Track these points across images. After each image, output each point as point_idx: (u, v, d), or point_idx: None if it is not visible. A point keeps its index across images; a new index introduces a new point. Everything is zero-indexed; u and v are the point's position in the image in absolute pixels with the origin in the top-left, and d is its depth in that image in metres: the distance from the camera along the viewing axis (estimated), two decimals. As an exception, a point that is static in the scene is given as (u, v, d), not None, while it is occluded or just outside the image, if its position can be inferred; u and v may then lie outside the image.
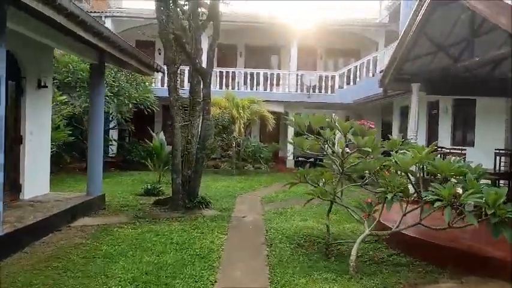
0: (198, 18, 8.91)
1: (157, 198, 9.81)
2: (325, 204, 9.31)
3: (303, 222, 8.01)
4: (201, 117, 8.71)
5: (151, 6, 8.40)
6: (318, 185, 6.37)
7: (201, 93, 8.75)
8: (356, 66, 18.64)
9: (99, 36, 6.70)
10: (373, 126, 5.47)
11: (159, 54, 20.47)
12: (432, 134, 13.27)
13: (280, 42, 20.61)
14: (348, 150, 5.88)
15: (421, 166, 5.28)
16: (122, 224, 7.23)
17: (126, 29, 18.93)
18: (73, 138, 13.41)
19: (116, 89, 14.59)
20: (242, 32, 19.94)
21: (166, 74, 8.87)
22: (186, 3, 8.72)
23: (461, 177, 4.97)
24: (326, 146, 5.55)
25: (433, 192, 4.78)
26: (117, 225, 7.18)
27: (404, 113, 15.64)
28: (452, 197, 4.54)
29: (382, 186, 5.19)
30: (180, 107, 8.73)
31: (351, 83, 18.57)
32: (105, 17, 18.69)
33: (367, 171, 5.92)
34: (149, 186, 10.62)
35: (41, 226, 6.28)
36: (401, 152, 5.49)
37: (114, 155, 18.23)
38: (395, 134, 16.22)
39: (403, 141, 5.69)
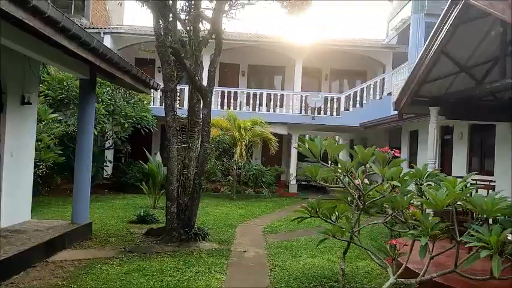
0: (198, 33, 8.24)
1: (150, 227, 8.98)
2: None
3: (312, 259, 7.15)
4: (200, 139, 7.94)
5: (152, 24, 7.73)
6: (331, 219, 5.55)
7: (201, 114, 8.00)
8: (363, 88, 18.01)
9: (87, 47, 5.97)
10: (398, 154, 4.68)
11: (159, 72, 19.80)
12: (446, 161, 12.48)
13: (284, 62, 20.02)
14: (366, 181, 5.11)
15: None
16: (107, 260, 6.38)
17: (125, 46, 18.37)
18: (63, 158, 12.62)
19: (112, 108, 13.88)
20: (245, 51, 19.37)
21: (163, 92, 8.15)
22: (186, 16, 8.05)
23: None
24: (345, 177, 4.75)
25: (473, 236, 3.99)
26: (102, 260, 6.32)
27: (414, 137, 14.89)
28: (500, 244, 3.75)
29: (412, 226, 4.38)
30: (177, 128, 7.97)
31: (357, 105, 17.89)
32: (104, 33, 18.12)
33: (386, 205, 5.14)
34: (142, 213, 9.78)
35: (12, 262, 5.43)
36: (428, 184, 4.73)
37: (109, 177, 17.43)
38: (406, 160, 15.46)
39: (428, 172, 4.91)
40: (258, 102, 18.07)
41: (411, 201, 4.55)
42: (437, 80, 7.99)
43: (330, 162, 4.68)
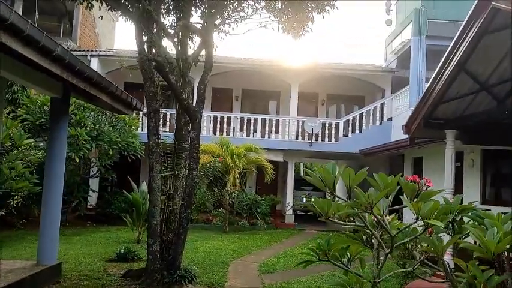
0: (186, 47, 7.39)
1: (130, 266, 7.91)
2: (339, 273, 7.46)
3: (317, 308, 6.09)
4: (188, 166, 6.98)
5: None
6: (343, 263, 4.54)
7: (189, 137, 7.06)
8: (362, 113, 17.24)
9: (58, 62, 5.07)
10: (431, 184, 3.73)
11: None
12: (456, 191, 11.53)
13: (279, 86, 19.27)
14: (388, 218, 4.14)
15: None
16: (73, 312, 5.31)
17: (114, 69, 17.51)
18: (39, 188, 11.55)
19: (96, 133, 12.91)
20: (239, 75, 18.62)
21: (146, 113, 7.24)
22: (173, 27, 7.23)
23: None
24: (367, 214, 3.78)
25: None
26: (66, 313, 5.25)
27: (419, 165, 13.98)
28: None
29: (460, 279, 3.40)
30: (162, 154, 7.02)
31: (357, 131, 17.07)
32: (91, 56, 17.33)
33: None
34: (122, 250, 8.69)
35: None
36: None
37: (93, 207, 16.30)
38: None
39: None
40: (252, 127, 17.21)
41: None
42: (454, 101, 7.15)
43: (347, 194, 3.72)
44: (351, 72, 17.83)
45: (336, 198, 3.95)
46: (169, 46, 7.65)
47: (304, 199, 20.15)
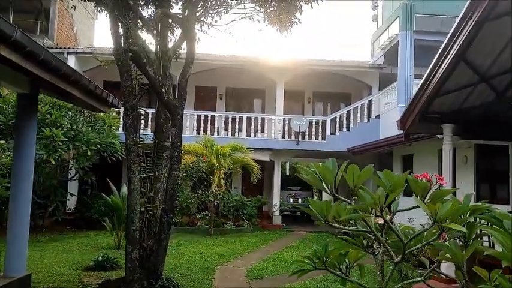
0: (167, 39, 6.86)
1: (108, 275, 7.35)
2: (331, 277, 7.05)
3: (311, 318, 5.62)
4: (169, 167, 6.45)
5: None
6: (341, 271, 4.09)
7: (170, 135, 6.54)
8: (349, 111, 16.88)
9: (19, 50, 4.50)
10: (444, 182, 3.28)
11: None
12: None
13: (265, 84, 18.80)
14: (396, 222, 3.69)
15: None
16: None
17: (92, 68, 16.82)
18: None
19: (73, 133, 12.25)
20: (223, 73, 18.09)
21: (122, 110, 6.68)
22: (151, 16, 6.69)
23: None
24: (374, 218, 3.32)
25: None
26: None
27: (408, 163, 13.66)
28: None
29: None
30: (140, 154, 6.47)
31: (344, 129, 16.70)
32: (68, 53, 16.60)
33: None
34: (100, 257, 8.10)
35: None
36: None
37: (72, 211, 15.59)
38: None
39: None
40: (237, 126, 16.70)
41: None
42: (451, 94, 6.76)
43: (351, 195, 3.25)
44: (337, 69, 17.45)
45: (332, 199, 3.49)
46: (148, 40, 7.17)
47: (291, 199, 19.73)
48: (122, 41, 6.28)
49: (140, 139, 6.51)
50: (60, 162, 13.01)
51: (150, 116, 15.27)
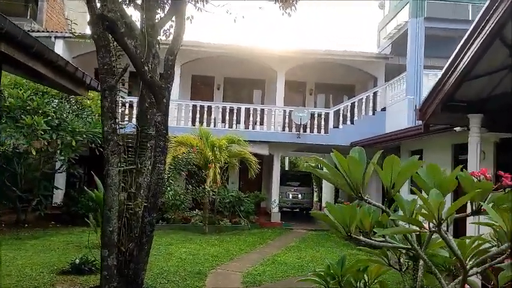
0: (154, 11, 5.94)
1: (85, 282, 6.47)
2: None
3: None
4: (153, 159, 5.55)
5: None
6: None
7: (154, 122, 5.63)
8: (353, 103, 15.96)
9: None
10: (510, 181, 2.37)
11: (123, 85, 17.35)
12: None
13: (265, 75, 17.87)
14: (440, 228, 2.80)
15: None
16: None
17: (82, 54, 15.86)
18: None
19: (57, 122, 11.32)
20: (221, 62, 17.15)
21: (101, 91, 5.75)
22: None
23: None
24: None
25: None
26: None
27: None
28: None
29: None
30: (120, 143, 5.56)
31: (348, 122, 15.80)
32: (56, 37, 15.62)
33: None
34: (78, 260, 7.21)
35: None
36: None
37: (59, 205, 14.70)
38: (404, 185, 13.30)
39: None
40: (235, 118, 15.77)
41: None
42: (480, 79, 5.85)
43: (386, 198, 2.35)
44: (341, 58, 16.49)
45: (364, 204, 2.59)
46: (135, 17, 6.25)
47: (291, 195, 18.89)
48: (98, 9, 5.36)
49: (120, 126, 5.61)
50: (44, 153, 12.09)
51: (135, 105, 14.28)
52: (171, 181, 8.78)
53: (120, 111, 5.75)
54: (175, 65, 15.26)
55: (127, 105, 13.53)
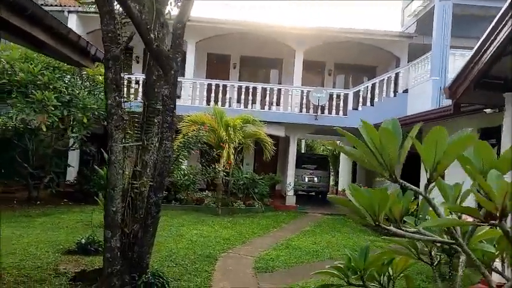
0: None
1: (91, 262, 6.22)
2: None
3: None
4: (160, 135, 5.18)
5: None
6: (382, 285, 2.78)
7: (161, 96, 5.24)
8: (374, 84, 15.33)
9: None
10: None
11: (137, 62, 17.07)
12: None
13: (282, 53, 17.31)
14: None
15: None
16: None
17: (96, 29, 15.51)
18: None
19: (68, 98, 11.06)
20: (237, 40, 16.64)
21: (104, 61, 5.37)
22: None
23: None
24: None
25: None
26: None
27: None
28: None
29: None
30: (124, 118, 5.20)
31: (368, 104, 15.20)
32: (69, 12, 15.29)
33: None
34: (84, 240, 6.96)
35: None
36: None
37: (72, 183, 14.56)
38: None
39: None
40: (251, 98, 15.30)
41: None
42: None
43: (428, 181, 1.91)
44: (363, 37, 15.80)
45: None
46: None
47: (306, 178, 18.49)
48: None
49: (125, 99, 5.23)
50: (56, 130, 11.87)
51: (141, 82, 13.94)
52: (180, 160, 8.39)
53: (125, 83, 5.36)
54: (190, 42, 14.86)
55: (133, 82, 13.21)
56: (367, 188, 1.98)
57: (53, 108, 10.51)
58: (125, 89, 5.53)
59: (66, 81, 11.53)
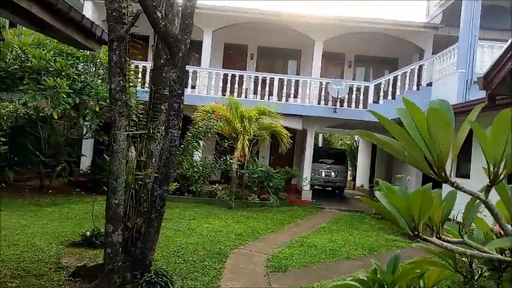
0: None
1: (94, 256, 5.92)
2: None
3: None
4: (166, 123, 4.80)
5: None
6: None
7: (169, 81, 4.86)
8: (396, 77, 14.72)
9: None
10: None
11: (152, 51, 16.70)
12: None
13: (301, 44, 16.82)
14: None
15: None
16: None
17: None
18: (5, 147, 9.59)
19: (80, 85, 10.80)
20: (255, 30, 16.21)
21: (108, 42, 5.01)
22: None
23: None
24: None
25: None
26: None
27: (466, 139, 11.48)
28: None
29: None
30: (130, 104, 4.85)
31: (389, 97, 14.61)
32: (85, -1, 15.05)
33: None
34: (89, 232, 6.67)
35: None
36: None
37: (86, 172, 14.39)
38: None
39: None
40: (267, 89, 14.85)
41: None
42: None
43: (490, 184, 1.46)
44: (386, 27, 15.16)
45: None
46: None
47: (323, 173, 18.02)
48: None
49: (131, 84, 4.88)
50: (68, 118, 11.65)
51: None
52: (189, 151, 8.02)
53: (131, 67, 4.99)
54: (207, 31, 14.40)
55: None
56: (402, 189, 1.56)
57: (64, 96, 10.25)
58: (132, 74, 5.15)
59: (79, 69, 11.28)
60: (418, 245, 2.80)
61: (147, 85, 11.85)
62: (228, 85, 14.60)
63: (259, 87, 14.72)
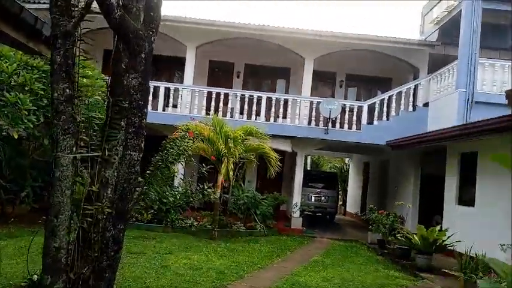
0: None
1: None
2: None
3: None
4: (123, 143, 3.75)
5: None
6: None
7: (129, 90, 3.83)
8: (391, 97, 13.92)
9: None
10: None
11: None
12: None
13: (290, 62, 15.98)
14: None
15: None
16: None
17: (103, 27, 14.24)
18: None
19: (45, 101, 9.66)
20: (242, 47, 15.37)
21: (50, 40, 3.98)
22: None
23: None
24: None
25: None
26: None
27: (468, 163, 10.63)
28: None
29: None
30: (76, 118, 3.80)
31: (384, 118, 13.76)
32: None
33: None
34: (36, 276, 5.48)
35: None
36: None
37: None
38: (450, 195, 11.21)
39: None
40: (255, 108, 13.88)
41: None
42: None
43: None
44: (379, 45, 14.38)
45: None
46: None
47: (313, 198, 17.01)
48: None
49: (79, 91, 3.85)
50: (32, 138, 10.47)
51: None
52: (159, 178, 6.82)
53: (79, 71, 3.97)
54: (190, 47, 13.43)
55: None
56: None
57: (26, 113, 9.11)
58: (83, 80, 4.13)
59: (46, 83, 10.18)
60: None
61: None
62: (213, 103, 13.61)
63: (245, 107, 13.76)
